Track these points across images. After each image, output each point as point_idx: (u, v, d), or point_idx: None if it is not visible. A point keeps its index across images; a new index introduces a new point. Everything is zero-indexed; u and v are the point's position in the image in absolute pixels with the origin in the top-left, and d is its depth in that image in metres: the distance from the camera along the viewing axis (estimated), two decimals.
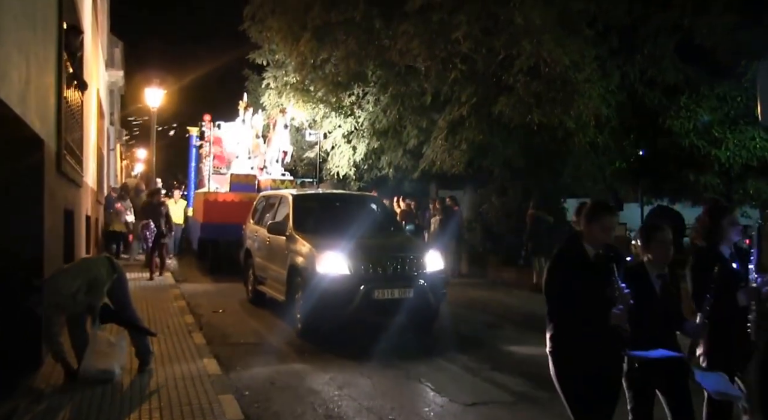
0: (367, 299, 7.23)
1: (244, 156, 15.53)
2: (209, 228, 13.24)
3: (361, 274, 7.35)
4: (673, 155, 11.62)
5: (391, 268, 7.54)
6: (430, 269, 7.79)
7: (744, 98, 10.64)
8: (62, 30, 6.75)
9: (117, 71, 23.54)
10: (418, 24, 11.84)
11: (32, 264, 5.60)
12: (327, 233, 8.08)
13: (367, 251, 7.62)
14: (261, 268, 9.46)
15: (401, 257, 7.70)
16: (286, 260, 8.18)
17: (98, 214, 14.60)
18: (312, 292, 7.29)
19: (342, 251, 7.43)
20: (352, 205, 9.80)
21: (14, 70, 4.44)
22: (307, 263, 7.60)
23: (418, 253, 7.94)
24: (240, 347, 7.21)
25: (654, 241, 3.59)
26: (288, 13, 15.13)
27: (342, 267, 7.35)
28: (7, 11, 4.23)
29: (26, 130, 5.05)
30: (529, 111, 11.15)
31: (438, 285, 7.83)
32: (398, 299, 7.40)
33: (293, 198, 9.06)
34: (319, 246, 7.62)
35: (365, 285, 7.25)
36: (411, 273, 7.61)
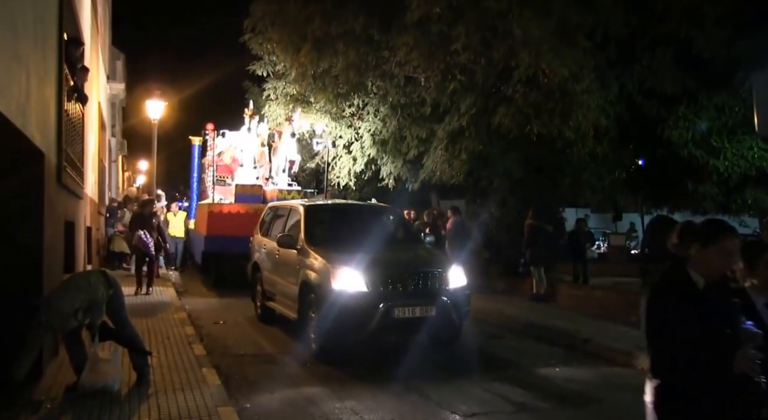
0: (387, 318, 6.78)
1: (250, 165, 15.09)
2: (214, 241, 12.71)
3: (379, 291, 6.90)
4: (672, 165, 11.65)
5: (412, 285, 7.10)
6: (453, 285, 7.35)
7: (742, 108, 10.69)
8: (63, 42, 6.80)
9: (118, 84, 23.68)
10: (417, 35, 11.91)
11: (32, 275, 5.61)
12: (341, 247, 7.61)
13: (386, 266, 7.16)
14: (270, 283, 9.02)
15: (422, 272, 7.26)
16: (298, 275, 7.73)
17: (99, 225, 14.63)
18: (327, 311, 6.82)
19: (359, 266, 6.96)
20: (367, 216, 9.34)
21: (14, 83, 4.47)
22: (321, 279, 7.15)
23: (440, 267, 7.48)
24: (249, 364, 6.97)
25: (763, 263, 3.00)
26: (288, 25, 15.25)
27: (359, 283, 6.89)
28: (7, 24, 4.27)
29: (26, 143, 5.07)
30: (528, 121, 11.19)
31: (462, 302, 7.37)
32: (420, 318, 6.95)
33: (304, 209, 8.58)
34: (334, 261, 7.18)
35: (385, 303, 6.79)
36: (433, 289, 7.16)
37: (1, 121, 4.23)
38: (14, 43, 4.49)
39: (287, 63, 15.77)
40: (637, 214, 17.82)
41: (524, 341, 8.70)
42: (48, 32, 6.00)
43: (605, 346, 7.96)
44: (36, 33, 5.33)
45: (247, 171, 14.93)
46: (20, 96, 4.66)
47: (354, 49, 14.52)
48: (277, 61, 16.24)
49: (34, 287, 5.62)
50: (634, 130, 11.99)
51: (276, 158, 14.56)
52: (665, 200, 13.60)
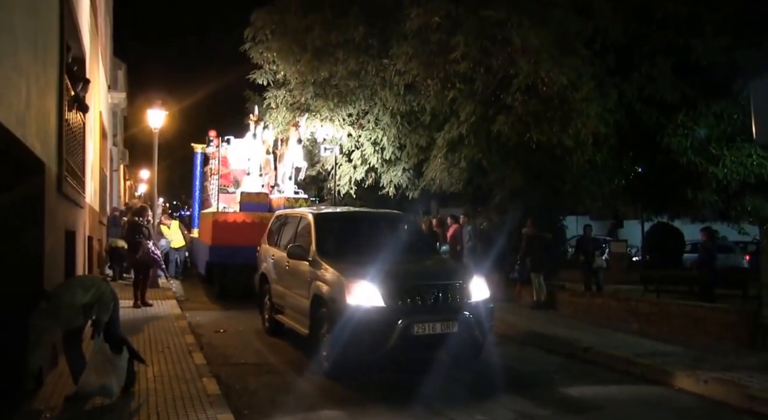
0: (406, 335, 6.34)
1: (256, 173, 14.69)
2: (219, 251, 12.33)
3: (397, 306, 6.47)
4: (671, 172, 11.65)
5: (432, 299, 6.66)
6: (476, 298, 6.91)
7: (741, 116, 10.71)
8: (63, 53, 6.85)
9: (120, 93, 23.75)
10: (416, 44, 11.98)
11: (32, 284, 5.62)
12: (355, 258, 7.21)
13: (404, 279, 6.74)
14: (279, 296, 8.63)
15: (442, 285, 6.81)
16: (309, 288, 7.32)
17: (100, 235, 14.64)
18: (342, 328, 6.40)
19: (375, 279, 6.54)
20: (381, 225, 8.92)
21: (14, 94, 4.50)
22: (335, 293, 6.73)
23: (460, 279, 7.01)
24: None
25: None
26: (288, 34, 15.38)
27: (376, 298, 6.46)
28: (7, 34, 4.31)
29: (27, 153, 5.10)
30: (527, 130, 11.23)
31: (485, 317, 6.93)
32: (441, 335, 6.51)
33: (315, 217, 8.17)
34: (349, 273, 6.75)
35: (403, 319, 6.36)
36: (455, 303, 6.72)
37: (1, 131, 4.25)
38: (14, 53, 4.53)
39: (287, 72, 15.86)
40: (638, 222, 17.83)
41: (525, 348, 8.69)
42: (49, 43, 6.04)
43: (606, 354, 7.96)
44: (37, 43, 5.38)
45: (253, 179, 14.53)
46: (20, 106, 4.70)
47: (354, 58, 14.63)
48: (277, 69, 16.31)
49: (34, 297, 5.64)
50: (634, 137, 12.00)
51: (282, 165, 14.17)
52: (665, 208, 13.59)
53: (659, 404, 6.14)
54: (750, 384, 6.29)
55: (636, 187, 12.81)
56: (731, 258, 20.71)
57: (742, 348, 8.16)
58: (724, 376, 6.56)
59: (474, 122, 12.10)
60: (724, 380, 6.44)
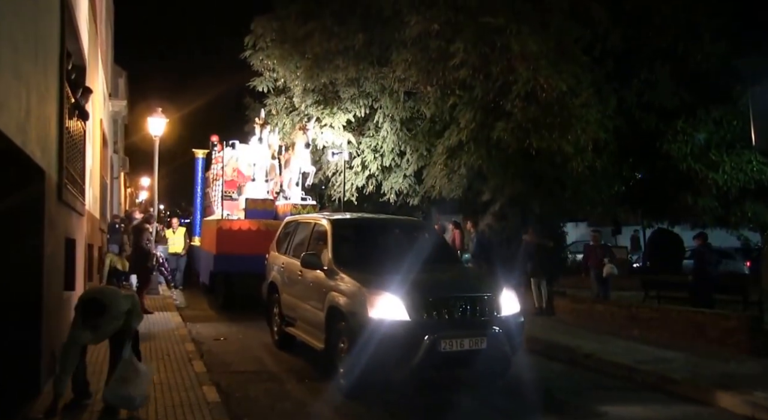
0: (432, 352, 5.90)
1: (262, 178, 14.21)
2: (224, 260, 11.86)
3: (423, 320, 6.04)
4: (671, 179, 11.65)
5: (460, 312, 6.21)
6: (506, 312, 6.47)
7: (740, 122, 10.72)
8: (64, 60, 6.87)
9: (120, 101, 23.80)
10: (415, 51, 12.02)
11: (32, 292, 5.63)
12: (375, 267, 6.80)
13: (429, 291, 6.31)
14: (290, 307, 8.15)
15: (471, 298, 6.36)
16: (325, 300, 6.85)
17: (101, 242, 14.63)
18: (363, 344, 5.94)
19: (398, 291, 6.11)
20: (400, 232, 8.49)
21: (14, 101, 4.51)
22: (354, 306, 6.30)
23: (489, 291, 6.58)
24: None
25: None
26: (288, 42, 15.47)
27: (400, 311, 6.02)
28: (7, 41, 4.32)
29: (27, 161, 5.11)
30: (527, 136, 11.24)
31: (515, 332, 6.52)
32: (469, 351, 6.08)
33: (331, 224, 7.68)
34: (369, 284, 6.32)
35: (430, 334, 5.92)
36: (483, 317, 6.28)
37: (1, 138, 4.26)
38: (15, 61, 4.54)
39: (288, 79, 15.91)
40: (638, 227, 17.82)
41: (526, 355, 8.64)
42: (49, 50, 6.06)
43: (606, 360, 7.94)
44: (37, 51, 5.39)
45: (258, 185, 14.05)
46: (20, 114, 4.71)
47: (354, 65, 14.71)
48: (277, 77, 16.36)
49: (33, 304, 5.64)
50: (633, 143, 12.02)
51: (288, 170, 13.75)
52: (665, 214, 13.58)
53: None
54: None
55: (636, 194, 12.80)
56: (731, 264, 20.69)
57: (743, 354, 8.14)
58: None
59: (474, 129, 12.12)
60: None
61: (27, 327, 5.55)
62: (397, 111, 14.94)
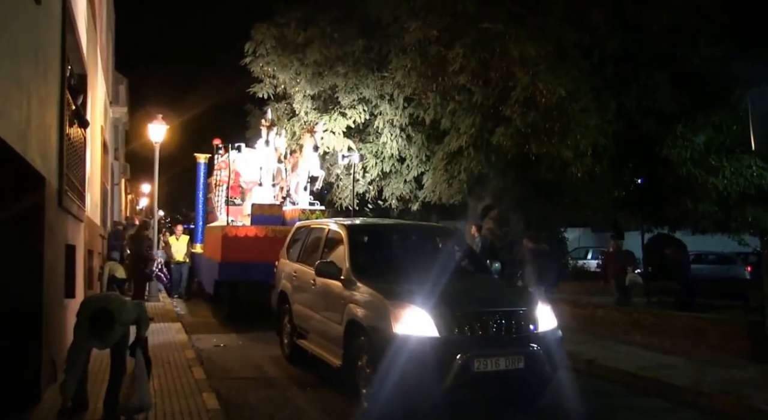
0: (465, 373, 5.38)
1: (269, 183, 13.73)
2: (230, 268, 11.32)
3: (454, 336, 5.52)
4: (670, 183, 11.65)
5: (494, 328, 5.68)
6: (543, 327, 5.95)
7: (740, 127, 10.72)
8: (65, 67, 6.89)
9: (121, 108, 23.88)
10: (415, 57, 12.06)
11: (32, 299, 5.62)
12: (397, 277, 6.34)
13: (460, 304, 5.83)
14: (303, 318, 7.63)
15: (505, 312, 5.82)
16: (343, 312, 6.32)
17: (101, 249, 14.63)
18: (387, 363, 5.39)
19: (426, 304, 5.58)
20: (423, 239, 7.97)
21: (14, 109, 4.52)
22: (377, 320, 5.76)
23: (524, 305, 6.09)
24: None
25: None
26: (288, 49, 15.54)
27: (428, 327, 5.49)
28: (8, 49, 4.33)
29: (27, 168, 5.12)
30: (526, 141, 11.25)
31: (555, 349, 5.94)
32: (505, 371, 5.55)
33: (348, 230, 7.16)
34: (393, 296, 5.83)
35: (462, 353, 5.39)
36: (520, 334, 5.77)
37: (1, 146, 4.27)
38: (15, 68, 4.55)
39: (288, 85, 15.95)
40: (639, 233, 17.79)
41: None
42: (50, 58, 6.08)
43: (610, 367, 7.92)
44: (38, 58, 5.41)
45: (265, 189, 13.58)
46: (21, 121, 4.72)
47: (354, 71, 14.77)
48: (277, 83, 16.39)
49: (33, 311, 5.63)
50: (633, 149, 12.00)
51: (295, 174, 13.18)
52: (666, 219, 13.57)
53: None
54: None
55: (636, 199, 12.79)
56: (733, 269, 20.67)
57: (745, 360, 8.11)
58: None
59: (473, 134, 12.14)
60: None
61: (27, 334, 5.55)
62: (397, 117, 14.97)
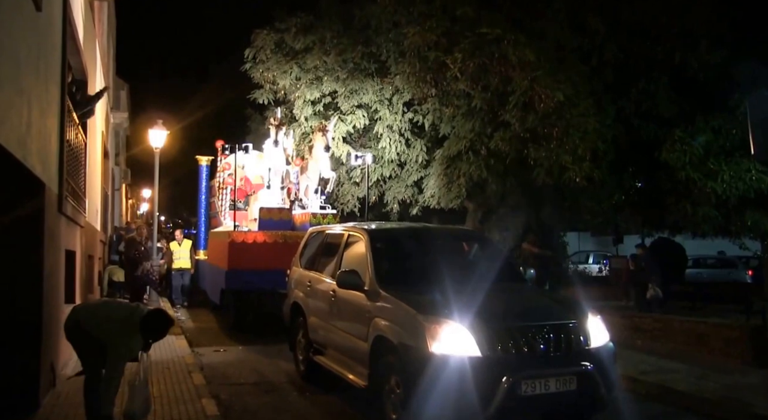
0: (512, 396, 4.76)
1: (277, 185, 13.03)
2: (237, 276, 10.62)
3: (499, 356, 4.90)
4: (670, 188, 11.65)
5: (542, 344, 5.05)
6: (596, 342, 5.32)
7: (739, 131, 10.71)
8: (65, 73, 6.92)
9: (122, 113, 23.92)
10: (414, 63, 12.07)
11: (31, 305, 5.63)
12: (427, 287, 5.69)
13: (501, 317, 5.22)
14: (320, 333, 6.97)
15: (554, 327, 5.18)
16: (368, 328, 5.69)
17: (101, 254, 14.64)
18: (422, 386, 4.79)
19: (464, 319, 4.97)
20: (453, 246, 7.19)
21: (15, 115, 4.54)
22: (409, 337, 5.12)
23: (574, 318, 5.42)
24: None
25: None
26: (288, 55, 15.59)
27: (469, 345, 4.87)
28: (9, 56, 4.35)
29: (27, 174, 5.13)
30: (524, 146, 11.27)
31: (609, 367, 5.26)
32: (555, 394, 4.93)
33: (370, 235, 6.55)
34: (426, 309, 5.20)
35: (508, 374, 4.78)
36: (570, 351, 5.13)
37: (2, 152, 4.28)
38: (16, 75, 4.57)
39: (287, 91, 15.98)
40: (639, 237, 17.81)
41: None
42: (51, 64, 6.11)
43: None
44: (39, 65, 5.43)
45: (273, 192, 12.89)
46: (21, 128, 4.73)
47: (353, 77, 14.82)
48: (277, 89, 16.41)
49: (33, 317, 5.64)
50: (632, 153, 12.01)
51: (305, 176, 12.49)
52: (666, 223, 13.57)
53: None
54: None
55: (635, 203, 12.79)
56: (733, 273, 20.65)
57: (747, 365, 8.10)
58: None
59: (472, 139, 12.16)
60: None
61: (26, 340, 5.55)
62: (397, 122, 14.99)
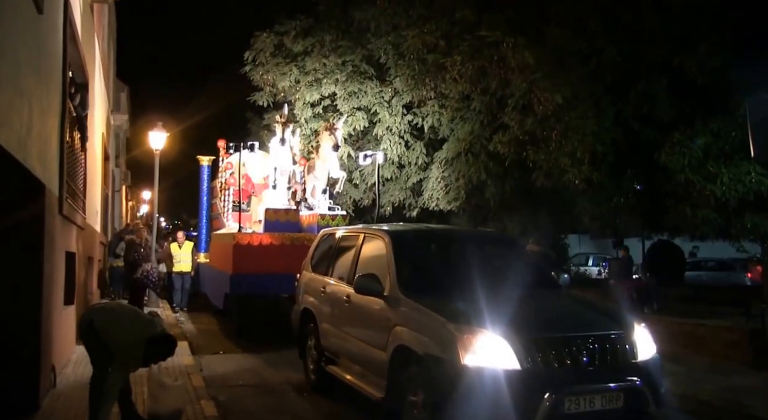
0: (555, 414, 4.33)
1: (284, 185, 12.63)
2: (243, 280, 10.19)
3: (539, 369, 4.45)
4: (669, 190, 11.66)
5: (585, 357, 4.58)
6: (643, 355, 4.83)
7: (738, 133, 10.74)
8: (66, 75, 6.93)
9: (122, 115, 23.97)
10: (413, 65, 12.12)
11: (31, 307, 5.64)
12: (454, 294, 5.27)
13: (540, 327, 4.79)
14: (333, 341, 6.54)
15: (597, 338, 4.72)
16: (387, 336, 5.26)
17: (101, 255, 14.64)
18: (454, 403, 4.37)
19: (500, 328, 4.52)
20: (477, 248, 6.51)
21: (15, 117, 4.55)
22: (438, 348, 4.66)
23: (619, 328, 4.91)
24: None
25: None
26: (288, 57, 15.63)
27: (507, 357, 4.42)
28: (10, 58, 4.37)
29: (27, 176, 5.14)
30: (523, 148, 11.29)
31: (658, 383, 4.79)
32: (601, 412, 4.47)
33: (391, 237, 6.06)
34: (457, 317, 4.74)
35: (551, 390, 4.33)
36: (617, 364, 4.67)
37: (2, 154, 4.30)
38: (17, 77, 4.59)
39: (287, 93, 16.02)
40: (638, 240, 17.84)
41: None
42: (51, 66, 6.12)
43: None
44: (39, 67, 5.45)
45: (279, 193, 12.54)
46: (21, 129, 4.75)
47: (353, 79, 14.86)
48: (277, 91, 16.46)
49: (33, 318, 5.65)
50: (632, 156, 12.03)
51: (312, 176, 12.06)
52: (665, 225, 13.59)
53: None
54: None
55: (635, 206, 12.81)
56: (732, 276, 20.66)
57: (746, 368, 8.10)
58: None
59: (471, 141, 12.19)
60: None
61: (26, 341, 5.56)
62: (396, 124, 15.03)
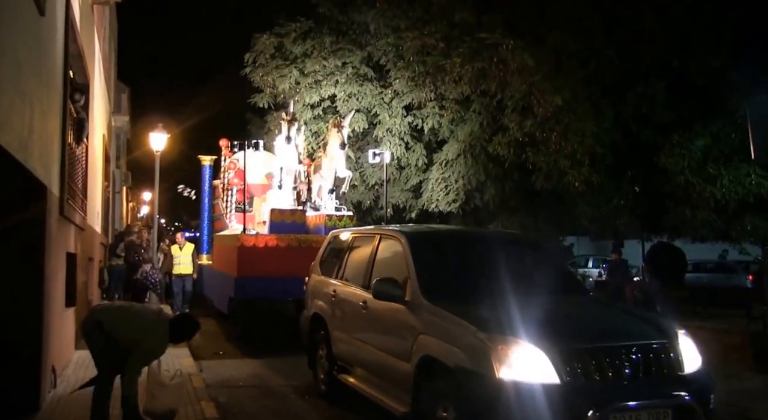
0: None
1: (290, 185, 12.32)
2: (248, 284, 9.85)
3: (582, 383, 4.12)
4: (669, 192, 11.67)
5: (628, 369, 4.23)
6: (690, 367, 4.47)
7: (738, 135, 10.74)
8: (67, 77, 6.95)
9: (123, 116, 23.99)
10: (414, 67, 12.15)
11: (32, 307, 5.65)
12: (482, 301, 4.92)
13: (578, 336, 4.41)
14: (347, 349, 6.21)
15: (640, 348, 4.35)
16: (411, 345, 4.89)
17: (101, 256, 14.64)
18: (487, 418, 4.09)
19: (536, 338, 4.19)
20: (502, 250, 5.94)
21: (17, 118, 4.57)
22: (469, 360, 4.30)
23: (662, 336, 4.57)
24: None
25: None
26: (288, 59, 15.68)
27: (546, 370, 4.08)
28: (11, 60, 4.39)
29: (28, 177, 5.16)
30: (523, 150, 11.31)
31: (707, 395, 4.41)
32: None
33: (411, 239, 5.72)
34: (489, 326, 4.39)
35: (594, 407, 3.98)
36: (663, 377, 4.32)
37: (3, 155, 4.31)
38: (18, 78, 4.60)
39: (287, 95, 16.06)
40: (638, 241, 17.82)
41: None
42: (52, 67, 6.14)
43: None
44: (40, 69, 5.47)
45: (285, 193, 12.23)
46: (23, 131, 4.76)
47: (353, 81, 14.91)
48: (277, 93, 16.48)
49: (34, 319, 5.66)
50: (631, 157, 12.04)
51: (319, 176, 11.72)
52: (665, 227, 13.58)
53: None
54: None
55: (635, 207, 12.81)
56: (734, 278, 20.63)
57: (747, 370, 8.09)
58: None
59: (471, 142, 12.21)
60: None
61: (27, 342, 5.57)
62: (396, 125, 15.05)
